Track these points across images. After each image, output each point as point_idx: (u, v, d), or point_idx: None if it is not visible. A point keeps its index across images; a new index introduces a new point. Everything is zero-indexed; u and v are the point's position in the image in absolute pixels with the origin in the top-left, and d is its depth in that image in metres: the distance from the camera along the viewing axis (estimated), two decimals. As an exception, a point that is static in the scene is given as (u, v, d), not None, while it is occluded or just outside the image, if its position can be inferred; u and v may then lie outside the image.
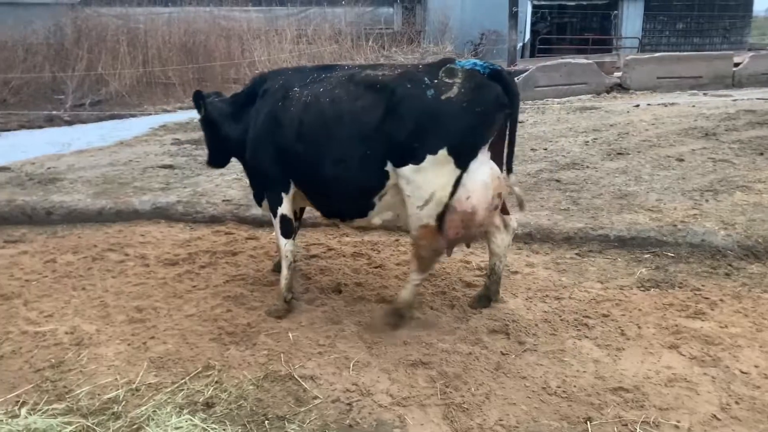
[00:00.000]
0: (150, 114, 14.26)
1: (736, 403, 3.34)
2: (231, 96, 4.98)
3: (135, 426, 3.26)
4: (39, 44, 17.03)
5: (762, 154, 8.04)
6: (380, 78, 4.11)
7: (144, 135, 11.58)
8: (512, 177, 4.15)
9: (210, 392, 3.53)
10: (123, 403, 3.45)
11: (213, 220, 6.60)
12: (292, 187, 4.50)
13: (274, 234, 4.73)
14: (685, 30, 26.54)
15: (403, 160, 3.94)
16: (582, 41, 25.25)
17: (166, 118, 13.45)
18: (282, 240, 4.60)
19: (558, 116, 12.06)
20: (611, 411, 3.31)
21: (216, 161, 5.15)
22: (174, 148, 9.96)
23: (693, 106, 12.27)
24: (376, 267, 5.31)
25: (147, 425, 3.24)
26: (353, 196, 4.28)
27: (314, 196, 4.53)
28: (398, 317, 4.25)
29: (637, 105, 12.97)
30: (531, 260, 5.41)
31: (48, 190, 7.38)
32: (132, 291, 4.95)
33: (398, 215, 4.30)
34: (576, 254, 5.48)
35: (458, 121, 3.82)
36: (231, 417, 3.33)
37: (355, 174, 4.13)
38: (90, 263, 5.53)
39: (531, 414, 3.32)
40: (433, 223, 3.98)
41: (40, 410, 3.39)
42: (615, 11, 25.59)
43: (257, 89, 4.66)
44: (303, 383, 3.63)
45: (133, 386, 3.61)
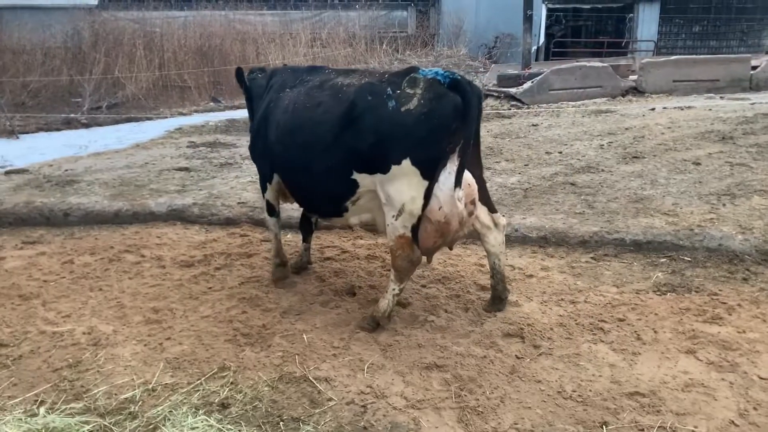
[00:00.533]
0: (166, 117, 14.39)
1: (755, 409, 3.30)
2: (262, 77, 5.18)
3: (151, 426, 3.28)
4: (57, 48, 17.26)
5: (780, 158, 7.96)
6: (344, 88, 4.16)
7: (160, 138, 11.68)
8: (458, 191, 3.92)
9: (225, 393, 3.56)
10: (139, 403, 3.48)
11: (228, 222, 6.64)
12: (275, 179, 4.76)
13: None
14: (702, 33, 26.34)
15: (370, 170, 4.01)
16: (597, 44, 25.14)
17: (182, 121, 13.55)
18: (266, 216, 5.12)
19: (573, 119, 12.01)
20: (627, 416, 3.29)
21: None
22: (189, 151, 10.04)
23: (710, 110, 12.17)
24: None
25: (163, 425, 3.27)
26: (323, 199, 4.46)
27: (292, 193, 4.77)
28: (375, 324, 4.28)
29: (653, 108, 12.88)
30: (546, 264, 5.39)
31: (65, 192, 7.46)
32: (148, 292, 4.99)
33: (376, 219, 4.32)
34: (591, 258, 5.45)
35: (418, 132, 3.80)
36: (246, 418, 3.35)
37: (321, 180, 4.28)
38: (107, 264, 5.58)
39: (546, 418, 3.31)
40: (409, 234, 3.99)
41: (58, 409, 3.43)
42: (630, 14, 25.45)
43: (269, 81, 4.95)
44: (318, 385, 3.64)
45: (150, 386, 3.64)
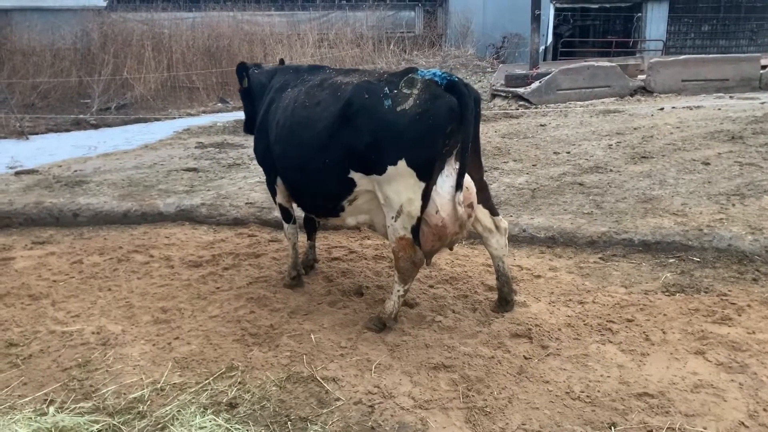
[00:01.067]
0: (174, 118, 14.45)
1: (765, 410, 3.28)
2: (264, 74, 5.21)
3: (160, 425, 3.30)
4: (66, 49, 17.37)
5: (790, 158, 7.90)
6: (342, 86, 4.17)
7: (168, 138, 11.73)
8: (459, 194, 3.88)
9: (233, 393, 3.57)
10: (148, 403, 3.50)
11: (236, 223, 6.66)
12: (279, 180, 4.79)
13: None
14: (711, 32, 26.17)
15: (367, 170, 4.01)
16: (605, 44, 25.01)
17: (190, 122, 13.61)
18: (283, 224, 5.09)
19: (581, 119, 11.96)
20: (636, 417, 3.27)
21: (250, 129, 5.45)
22: (198, 152, 10.07)
23: (719, 109, 12.09)
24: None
25: (171, 425, 3.28)
26: (320, 199, 4.47)
27: (290, 192, 4.78)
28: (381, 325, 4.28)
29: (662, 108, 12.81)
30: (554, 264, 5.37)
31: (75, 193, 7.50)
32: (157, 292, 5.01)
33: (373, 220, 4.32)
34: (599, 258, 5.43)
35: (412, 133, 3.79)
36: (254, 418, 3.36)
37: (318, 179, 4.28)
38: (116, 264, 5.61)
39: (554, 419, 3.30)
40: (409, 236, 3.99)
41: (68, 408, 3.45)
42: (639, 13, 25.31)
43: (271, 81, 4.99)
44: (325, 385, 3.64)
45: (158, 386, 3.66)
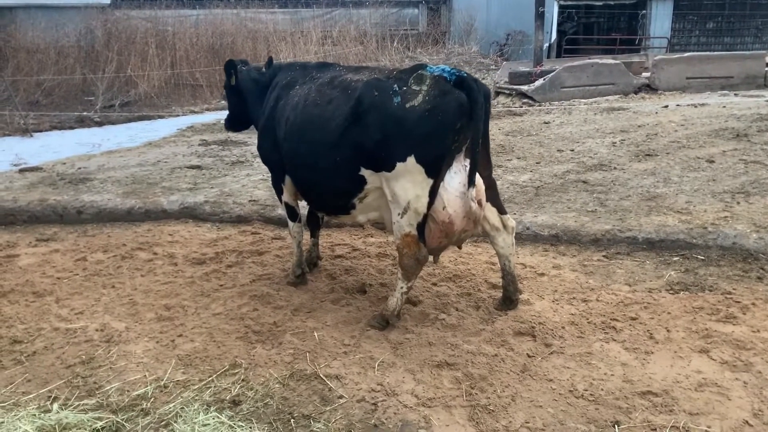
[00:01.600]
0: (178, 115, 14.46)
1: (769, 409, 3.27)
2: (257, 71, 5.23)
3: (163, 422, 3.30)
4: (70, 47, 17.38)
5: (796, 156, 7.87)
6: (352, 84, 4.16)
7: (172, 136, 11.74)
8: (472, 190, 3.89)
9: (237, 390, 3.57)
10: (152, 400, 3.50)
11: (239, 220, 6.67)
12: (288, 178, 4.76)
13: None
14: (716, 29, 26.06)
15: (376, 167, 4.00)
16: (609, 41, 24.94)
17: (194, 120, 13.62)
18: (289, 222, 5.04)
19: (585, 117, 11.94)
20: (639, 415, 3.27)
21: (234, 126, 5.56)
22: (201, 149, 10.08)
23: (724, 107, 12.05)
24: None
25: (175, 422, 3.28)
26: (330, 196, 4.45)
27: (300, 190, 4.75)
28: (384, 323, 4.27)
29: (666, 106, 12.77)
30: (558, 262, 5.36)
31: (79, 190, 7.52)
32: (160, 289, 5.02)
33: (383, 217, 4.31)
34: (603, 256, 5.42)
35: (421, 130, 3.79)
36: (257, 415, 3.36)
37: (329, 176, 4.27)
38: (119, 262, 5.62)
39: (557, 417, 3.29)
40: (415, 232, 3.98)
41: (72, 405, 3.45)
42: (643, 11, 25.23)
43: (273, 78, 4.97)
44: (328, 382, 3.64)
45: (162, 383, 3.66)
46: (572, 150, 8.90)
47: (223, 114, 4.97)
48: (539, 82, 15.02)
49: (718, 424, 3.17)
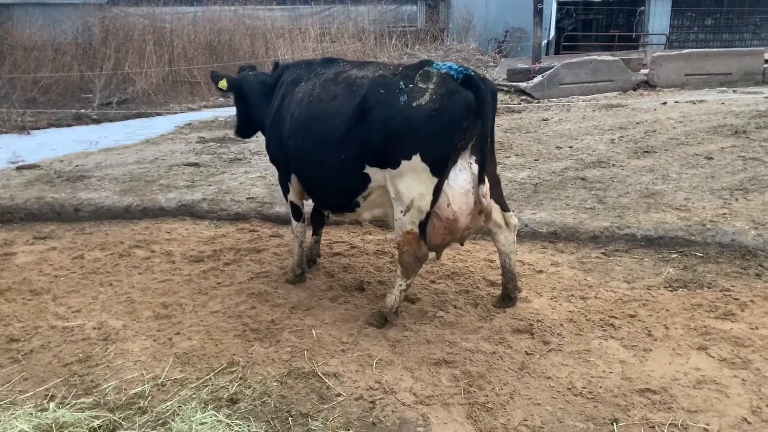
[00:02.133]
0: (176, 112, 14.41)
1: (768, 407, 3.27)
2: (262, 75, 5.21)
3: (160, 421, 3.29)
4: (68, 44, 17.30)
5: (794, 153, 7.86)
6: (358, 80, 4.13)
7: (170, 133, 11.71)
8: (483, 187, 3.91)
9: (234, 388, 3.56)
10: (149, 398, 3.50)
11: (237, 218, 6.65)
12: (294, 177, 4.73)
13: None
14: (714, 26, 26.05)
15: (381, 164, 3.97)
16: (608, 38, 24.91)
17: (192, 117, 13.57)
18: (292, 221, 5.03)
19: (583, 114, 11.92)
20: (638, 412, 3.26)
21: (244, 132, 5.48)
22: (199, 146, 10.06)
23: (722, 104, 12.04)
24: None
25: (172, 420, 3.28)
26: (335, 194, 4.44)
27: (305, 188, 4.73)
28: (383, 320, 4.26)
29: (665, 102, 12.76)
30: (556, 259, 5.35)
31: (76, 188, 7.49)
32: (158, 287, 5.00)
33: (388, 214, 4.29)
34: (602, 253, 5.41)
35: (428, 128, 3.76)
36: (255, 413, 3.35)
37: (334, 173, 4.24)
38: (117, 260, 5.61)
39: (556, 414, 3.29)
40: (416, 230, 3.96)
41: (69, 404, 3.45)
42: (641, 7, 25.19)
43: (280, 78, 4.93)
44: (326, 380, 3.63)
45: (159, 381, 3.66)
46: (571, 147, 8.89)
47: (221, 111, 4.97)
48: (538, 79, 14.99)
49: (717, 422, 3.17)
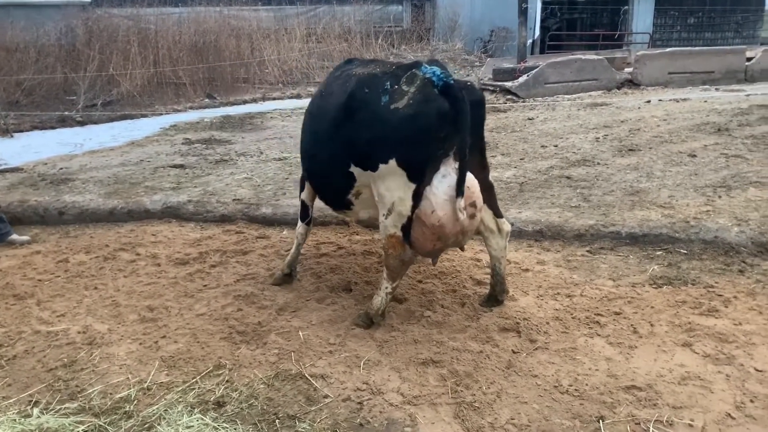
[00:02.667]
0: (161, 114, 14.32)
1: (751, 402, 3.30)
2: None
3: (146, 425, 3.27)
4: (51, 45, 17.12)
5: (776, 150, 7.96)
6: (351, 77, 4.14)
7: (155, 135, 11.63)
8: (460, 201, 3.78)
9: (221, 391, 3.54)
10: (135, 403, 3.47)
11: (223, 220, 6.62)
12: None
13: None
14: (697, 25, 26.35)
15: (363, 166, 3.98)
16: (592, 37, 25.10)
17: (177, 118, 13.49)
18: (298, 221, 5.06)
19: (568, 113, 11.99)
20: (624, 409, 3.28)
21: None
22: (185, 148, 10.00)
23: (705, 102, 12.17)
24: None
25: (158, 424, 3.25)
26: (329, 190, 4.49)
27: (310, 183, 4.80)
28: (369, 322, 4.25)
29: (649, 101, 12.88)
30: (542, 258, 5.38)
31: (60, 191, 7.42)
32: (143, 290, 4.97)
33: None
34: (587, 251, 5.44)
35: (402, 133, 3.72)
36: (242, 416, 3.34)
37: (325, 170, 4.33)
38: (102, 263, 5.56)
39: (543, 413, 3.30)
40: (399, 233, 3.94)
41: (53, 410, 3.41)
42: (625, 6, 25.41)
43: None
44: (314, 382, 3.62)
45: (145, 385, 3.63)
46: (556, 146, 8.94)
47: (207, 112, 4.94)
48: (523, 79, 15.06)
49: (701, 417, 3.20)
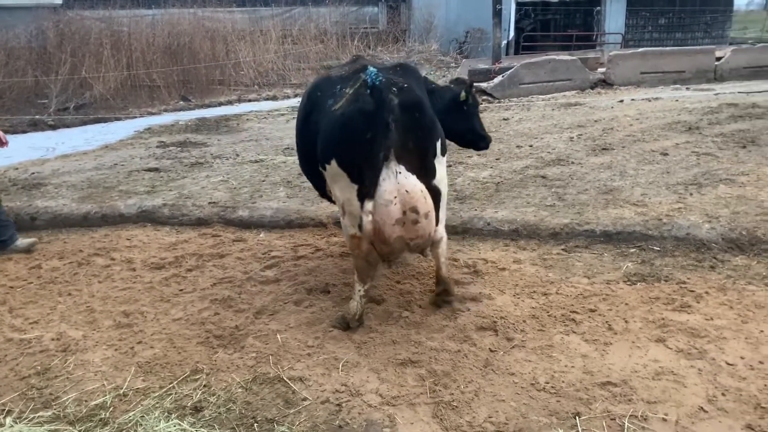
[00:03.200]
0: (135, 117, 14.17)
1: (723, 395, 3.36)
2: None
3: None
4: (21, 48, 16.86)
5: (744, 147, 8.11)
6: (324, 78, 4.28)
7: (129, 138, 11.51)
8: (367, 204, 3.78)
9: (198, 396, 3.52)
10: (110, 409, 3.43)
11: (199, 223, 6.57)
12: None
13: None
14: (668, 25, 26.79)
15: (321, 166, 4.05)
16: (566, 38, 25.38)
17: (151, 121, 13.36)
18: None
19: (543, 113, 12.10)
20: (599, 405, 3.33)
21: None
22: (159, 151, 9.90)
23: (676, 101, 12.36)
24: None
25: (135, 431, 3.22)
26: (315, 186, 4.62)
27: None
28: (345, 325, 4.24)
29: (621, 100, 13.04)
30: (518, 256, 5.42)
31: (32, 196, 7.31)
32: (119, 296, 4.91)
33: None
34: (562, 250, 5.50)
35: (337, 135, 3.80)
36: (220, 421, 3.32)
37: (305, 166, 4.48)
38: (76, 268, 5.49)
39: (520, 410, 3.33)
40: (359, 233, 3.92)
41: (26, 418, 3.36)
42: (598, 7, 25.74)
43: None
44: (292, 385, 3.62)
45: (121, 392, 3.59)
46: (531, 146, 9.02)
47: (181, 115, 4.91)
48: (498, 79, 15.16)
49: (675, 412, 3.25)
